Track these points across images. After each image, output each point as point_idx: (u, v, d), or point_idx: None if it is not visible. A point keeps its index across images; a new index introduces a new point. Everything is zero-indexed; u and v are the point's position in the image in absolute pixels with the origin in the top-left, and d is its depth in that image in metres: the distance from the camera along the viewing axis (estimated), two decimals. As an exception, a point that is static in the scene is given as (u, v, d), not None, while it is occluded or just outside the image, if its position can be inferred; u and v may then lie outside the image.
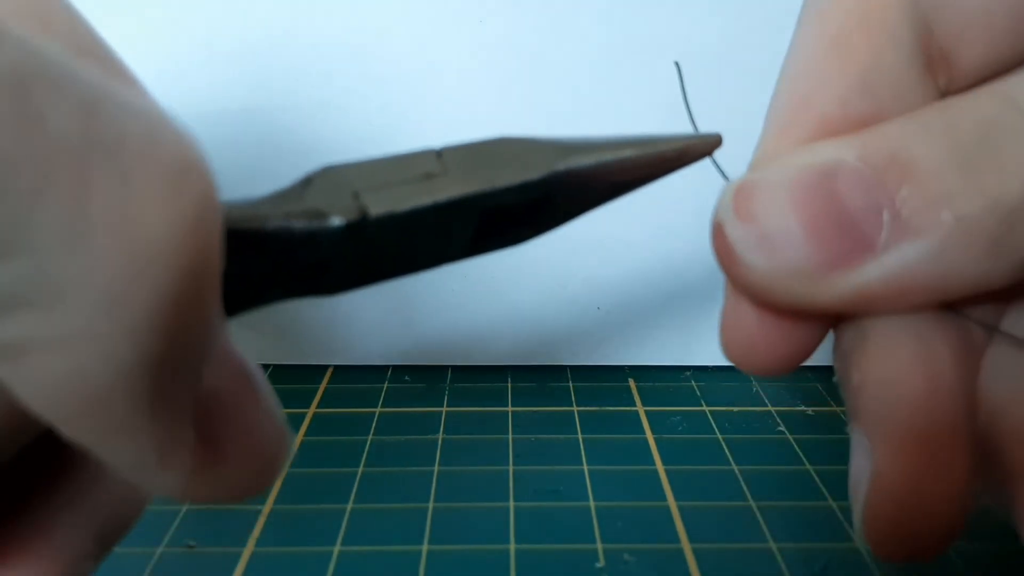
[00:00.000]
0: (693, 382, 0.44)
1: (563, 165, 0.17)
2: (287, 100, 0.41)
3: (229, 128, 0.41)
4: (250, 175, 0.39)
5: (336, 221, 0.15)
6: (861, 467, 0.18)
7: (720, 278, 0.19)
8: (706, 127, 0.21)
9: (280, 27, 0.40)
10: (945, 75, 0.19)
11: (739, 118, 0.23)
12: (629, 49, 0.40)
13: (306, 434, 0.39)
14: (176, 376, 0.12)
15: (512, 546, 0.32)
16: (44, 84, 0.10)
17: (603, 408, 0.42)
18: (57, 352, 0.11)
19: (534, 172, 0.17)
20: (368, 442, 0.39)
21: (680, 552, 0.31)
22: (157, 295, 0.11)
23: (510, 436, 0.39)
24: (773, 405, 0.42)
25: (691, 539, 0.32)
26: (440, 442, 0.39)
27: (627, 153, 0.18)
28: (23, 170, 0.10)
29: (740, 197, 0.18)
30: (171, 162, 0.11)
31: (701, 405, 0.42)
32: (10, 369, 0.11)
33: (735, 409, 0.41)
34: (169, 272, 0.11)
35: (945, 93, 0.19)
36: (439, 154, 0.16)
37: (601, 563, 0.31)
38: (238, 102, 0.41)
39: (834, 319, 0.19)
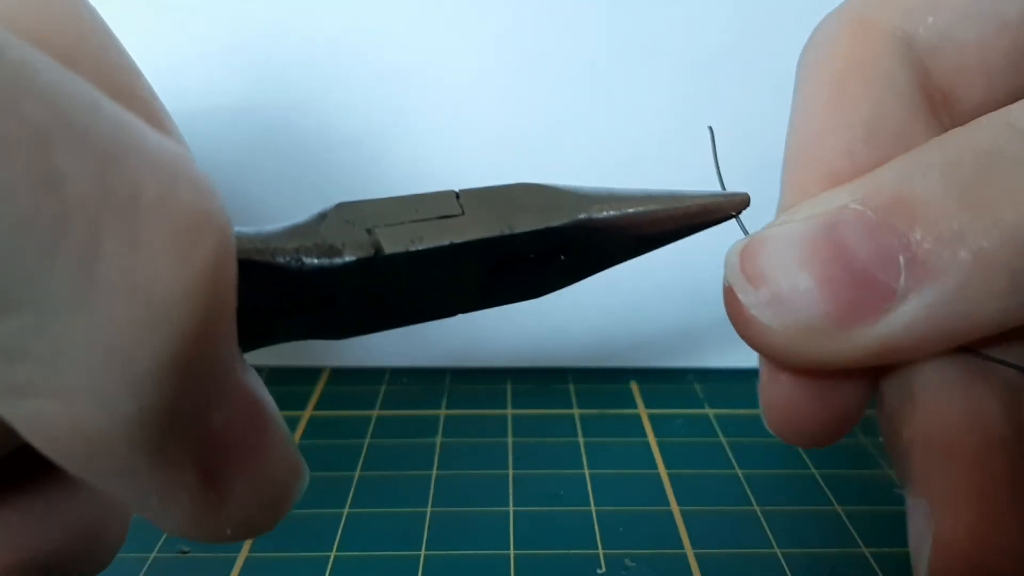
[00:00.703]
0: (696, 385, 0.44)
1: (585, 215, 0.17)
2: (286, 98, 0.41)
3: (227, 125, 0.41)
4: (248, 173, 0.39)
5: (348, 256, 0.15)
6: (921, 533, 0.17)
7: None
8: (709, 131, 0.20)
9: (280, 26, 0.40)
10: (948, 114, 0.19)
11: (742, 120, 0.22)
12: (631, 49, 0.40)
13: (302, 438, 0.39)
14: (180, 425, 0.12)
15: (512, 551, 0.31)
16: (67, 140, 0.10)
17: (604, 411, 0.41)
18: (57, 401, 0.10)
19: (555, 219, 0.17)
20: (365, 445, 0.38)
21: (683, 557, 0.31)
22: (164, 354, 0.11)
23: (510, 439, 0.39)
24: (776, 408, 0.41)
25: (694, 544, 0.32)
26: (438, 445, 0.38)
27: (651, 207, 0.18)
28: (38, 230, 0.09)
29: (747, 257, 0.17)
30: (186, 216, 0.11)
31: (704, 408, 0.42)
32: (11, 406, 0.11)
33: (739, 412, 0.41)
34: (177, 331, 0.11)
35: None
36: (458, 196, 0.16)
37: (602, 569, 0.30)
38: (236, 99, 0.40)
39: (874, 375, 0.18)
